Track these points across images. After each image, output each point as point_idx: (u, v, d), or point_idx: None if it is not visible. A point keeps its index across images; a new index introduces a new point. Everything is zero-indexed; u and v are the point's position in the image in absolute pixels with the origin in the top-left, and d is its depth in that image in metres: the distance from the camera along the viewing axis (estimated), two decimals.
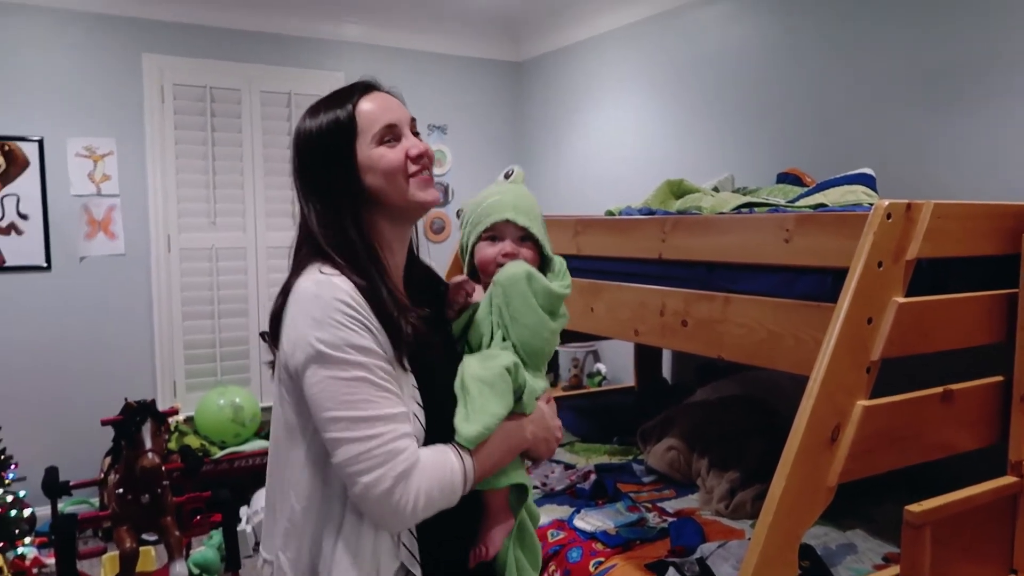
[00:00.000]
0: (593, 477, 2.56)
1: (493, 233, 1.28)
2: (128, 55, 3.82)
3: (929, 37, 2.55)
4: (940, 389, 1.67)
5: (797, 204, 2.23)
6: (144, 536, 2.73)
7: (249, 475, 3.71)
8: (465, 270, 1.36)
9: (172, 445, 3.58)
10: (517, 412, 1.20)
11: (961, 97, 2.48)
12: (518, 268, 1.23)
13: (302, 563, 1.13)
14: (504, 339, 1.22)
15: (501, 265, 1.26)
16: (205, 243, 4.09)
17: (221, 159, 4.08)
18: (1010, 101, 2.34)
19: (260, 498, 3.58)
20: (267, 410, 4.13)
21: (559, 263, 1.33)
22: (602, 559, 2.06)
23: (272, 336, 1.18)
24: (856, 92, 2.82)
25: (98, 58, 3.76)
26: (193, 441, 3.68)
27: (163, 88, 3.92)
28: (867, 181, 2.24)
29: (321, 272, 1.10)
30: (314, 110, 1.20)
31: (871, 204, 1.92)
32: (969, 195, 2.39)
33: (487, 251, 1.28)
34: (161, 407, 3.77)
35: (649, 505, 2.39)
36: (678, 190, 2.61)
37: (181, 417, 3.82)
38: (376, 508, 1.04)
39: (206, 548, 3.23)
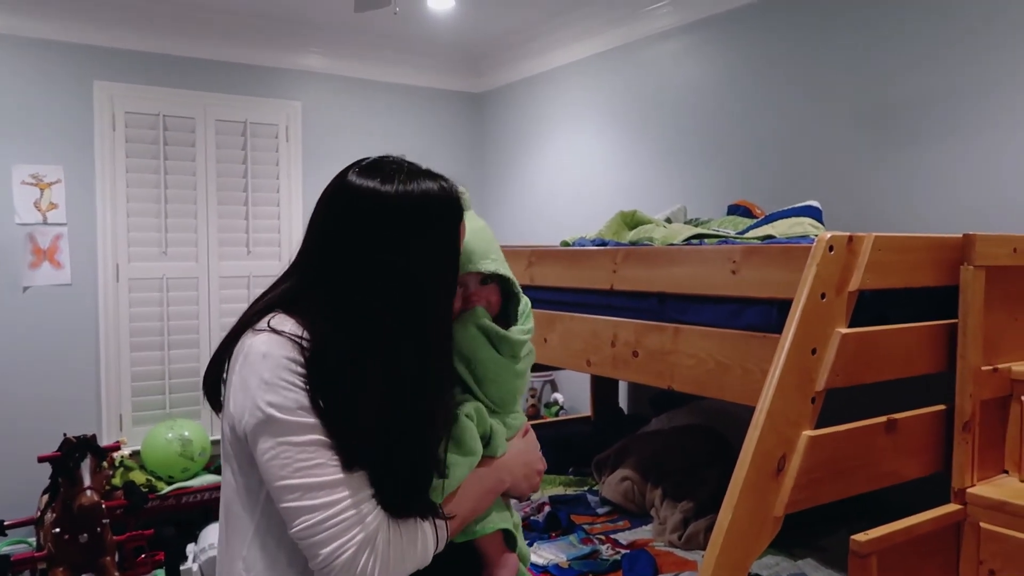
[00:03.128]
0: (547, 509, 2.53)
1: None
2: (79, 82, 3.75)
3: (876, 74, 2.63)
4: (884, 419, 1.69)
5: (746, 236, 2.26)
6: None
7: (197, 511, 3.60)
8: None
9: (116, 481, 3.47)
10: (487, 456, 1.17)
11: (905, 132, 2.55)
12: (465, 321, 1.19)
13: None
14: (465, 391, 1.19)
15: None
16: (155, 272, 4.01)
17: (173, 187, 4.02)
18: (951, 137, 2.42)
19: (209, 535, 3.47)
20: (217, 443, 4.03)
21: (524, 305, 1.29)
22: None
23: (211, 387, 1.12)
24: (805, 126, 2.89)
25: (47, 85, 3.69)
26: (139, 476, 3.57)
27: (114, 116, 3.85)
28: (814, 213, 2.28)
29: (270, 327, 1.03)
30: (428, 177, 1.11)
31: (817, 236, 1.96)
32: (912, 227, 2.45)
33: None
34: (106, 441, 3.67)
35: (603, 537, 2.37)
36: (631, 221, 2.63)
37: (127, 451, 3.71)
38: None
39: None
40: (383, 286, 1.05)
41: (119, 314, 3.91)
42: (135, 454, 3.73)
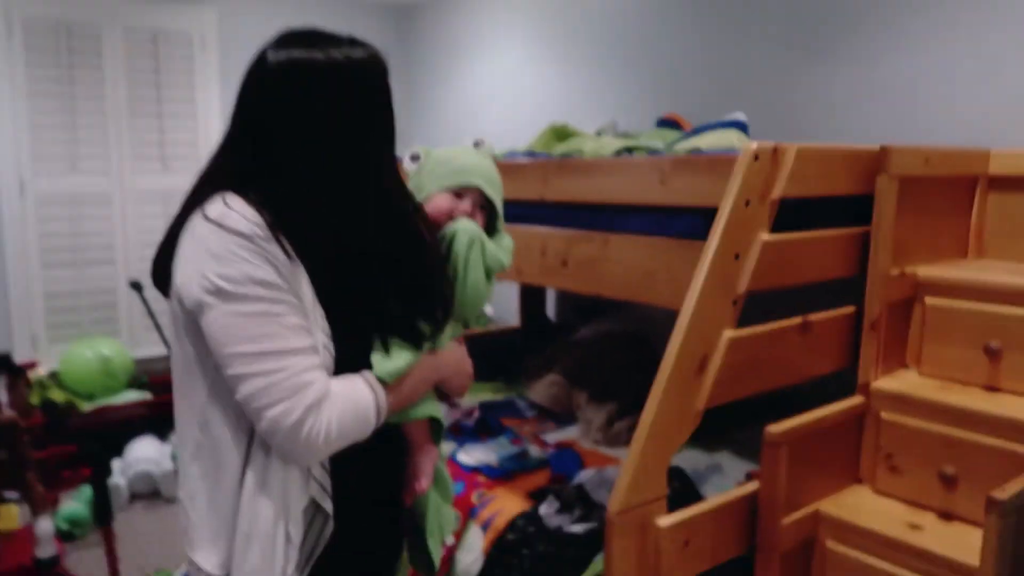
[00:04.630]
0: (477, 414, 2.60)
1: (459, 191, 1.29)
2: None
3: None
4: (799, 319, 1.79)
5: (674, 148, 2.30)
6: (6, 495, 2.58)
7: (123, 427, 3.56)
8: None
9: (34, 400, 3.38)
10: (431, 348, 1.22)
11: (824, 49, 2.61)
12: (475, 225, 1.26)
13: (217, 496, 1.09)
14: None
15: (453, 219, 1.27)
16: (65, 188, 3.81)
17: (81, 99, 3.79)
18: (872, 50, 2.49)
19: (136, 449, 3.44)
20: (140, 362, 3.94)
21: (507, 242, 1.37)
22: (484, 490, 2.11)
23: (159, 276, 1.12)
24: (732, 40, 2.92)
25: None
26: (57, 395, 3.48)
27: (11, 22, 3.57)
28: (740, 126, 2.33)
29: (224, 202, 1.03)
30: (349, 44, 1.10)
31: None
32: (830, 139, 2.54)
33: (445, 203, 1.28)
34: (19, 361, 3.55)
35: (531, 437, 2.47)
36: (562, 134, 2.64)
37: (43, 371, 3.60)
38: (286, 441, 1.01)
39: (76, 503, 3.09)
40: (321, 153, 1.06)
41: (26, 231, 3.72)
42: (53, 374, 3.63)
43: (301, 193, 1.06)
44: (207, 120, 4.13)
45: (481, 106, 4.21)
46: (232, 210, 1.02)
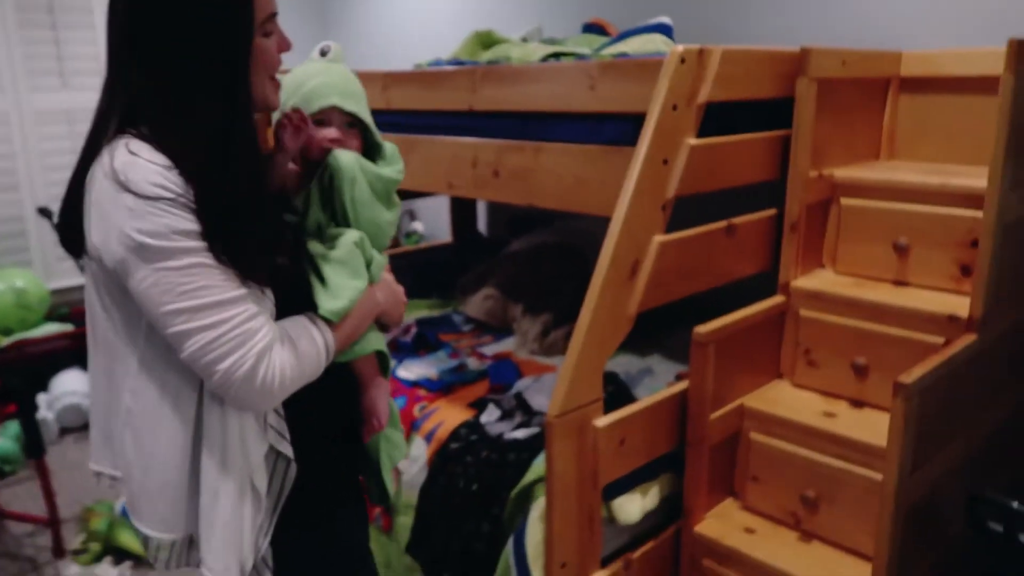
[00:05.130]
0: (414, 331, 2.62)
1: (319, 118, 1.21)
2: None
3: None
4: (725, 223, 1.84)
5: (601, 53, 2.28)
6: None
7: (44, 361, 3.45)
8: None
9: None
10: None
11: None
12: (349, 158, 1.18)
13: (158, 460, 1.06)
14: (338, 225, 1.20)
15: (326, 151, 1.19)
16: None
17: None
18: None
19: (62, 382, 3.35)
20: (56, 292, 3.79)
21: (390, 149, 1.30)
22: (425, 403, 2.15)
23: (68, 228, 1.05)
24: None
25: None
26: None
27: None
28: (665, 30, 2.32)
29: (129, 151, 0.95)
30: None
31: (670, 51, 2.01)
32: (752, 42, 2.56)
33: (312, 133, 1.19)
34: None
35: (469, 351, 2.51)
36: (487, 41, 2.58)
37: None
38: (240, 392, 0.99)
39: (2, 440, 3.01)
40: (205, 68, 1.00)
41: None
42: None
43: (191, 121, 0.99)
44: None
45: (402, 14, 4.05)
46: (139, 157, 0.95)
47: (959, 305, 1.65)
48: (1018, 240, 1.62)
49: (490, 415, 2.02)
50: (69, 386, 3.34)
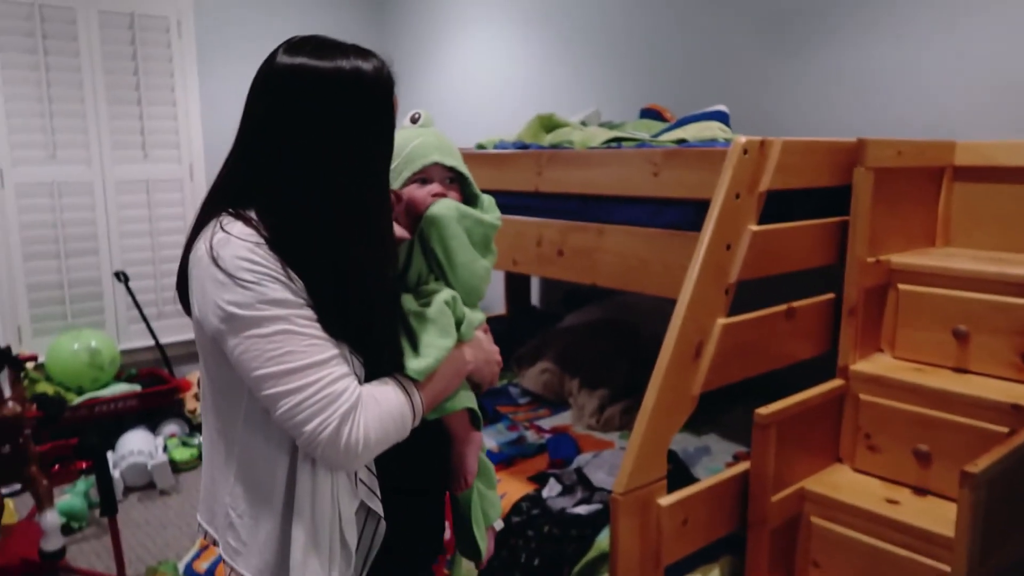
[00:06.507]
0: None
1: (422, 176, 1.28)
2: None
3: None
4: (785, 307, 1.89)
5: (660, 139, 2.38)
6: (3, 490, 2.60)
7: (112, 420, 3.58)
8: None
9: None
10: (459, 341, 1.23)
11: (800, 39, 2.70)
12: (449, 205, 1.23)
13: (264, 511, 1.11)
14: (437, 279, 1.24)
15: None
16: (45, 177, 3.79)
17: (57, 86, 3.75)
18: (843, 43, 2.58)
19: (128, 442, 3.47)
20: (126, 352, 3.95)
21: (488, 200, 1.35)
22: None
23: (181, 297, 1.15)
24: (709, 31, 2.99)
25: None
26: (46, 388, 3.49)
27: None
28: (722, 117, 2.42)
29: (223, 229, 1.04)
30: (356, 53, 1.10)
31: (726, 139, 2.10)
32: (804, 129, 2.64)
33: (416, 192, 1.27)
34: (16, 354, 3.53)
35: (527, 424, 2.55)
36: (549, 124, 2.70)
37: (29, 364, 3.59)
38: (326, 453, 1.03)
39: (71, 496, 3.11)
40: (321, 163, 1.06)
41: (7, 221, 3.70)
42: (39, 366, 3.63)
43: (301, 206, 1.06)
44: (187, 106, 4.10)
45: (461, 94, 4.25)
46: (231, 235, 1.03)
47: (1022, 394, 1.66)
48: None
49: (551, 490, 2.05)
50: (135, 445, 3.44)
